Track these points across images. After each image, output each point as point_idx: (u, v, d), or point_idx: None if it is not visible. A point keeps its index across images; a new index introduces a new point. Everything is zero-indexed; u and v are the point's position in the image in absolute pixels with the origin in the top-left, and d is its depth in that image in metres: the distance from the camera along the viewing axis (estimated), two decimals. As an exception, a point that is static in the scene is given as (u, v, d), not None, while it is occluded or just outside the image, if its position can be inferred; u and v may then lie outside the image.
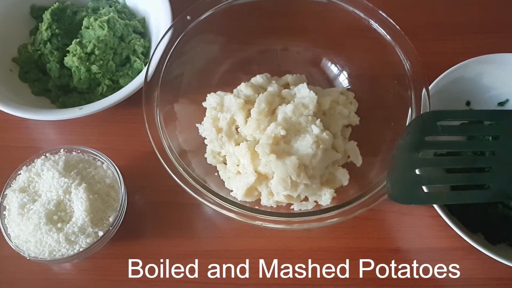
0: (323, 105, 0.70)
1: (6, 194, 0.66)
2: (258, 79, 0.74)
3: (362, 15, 0.71)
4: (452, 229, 0.63)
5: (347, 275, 0.67)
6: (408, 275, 0.68)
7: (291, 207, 0.66)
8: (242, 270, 0.68)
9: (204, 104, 0.73)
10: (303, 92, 0.69)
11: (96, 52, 0.75)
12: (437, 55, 0.82)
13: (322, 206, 0.66)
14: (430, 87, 0.69)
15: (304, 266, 0.68)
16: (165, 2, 0.78)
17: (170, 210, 0.71)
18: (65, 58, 0.76)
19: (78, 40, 0.76)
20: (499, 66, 0.75)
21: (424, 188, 0.61)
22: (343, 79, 0.77)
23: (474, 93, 0.77)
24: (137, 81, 0.72)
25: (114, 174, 0.68)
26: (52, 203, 0.64)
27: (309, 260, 0.68)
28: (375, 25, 0.71)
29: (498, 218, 0.68)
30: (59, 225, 0.62)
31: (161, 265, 0.68)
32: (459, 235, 0.63)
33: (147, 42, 0.81)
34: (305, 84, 0.70)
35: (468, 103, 0.78)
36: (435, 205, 0.64)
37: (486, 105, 0.77)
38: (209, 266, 0.68)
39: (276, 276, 0.67)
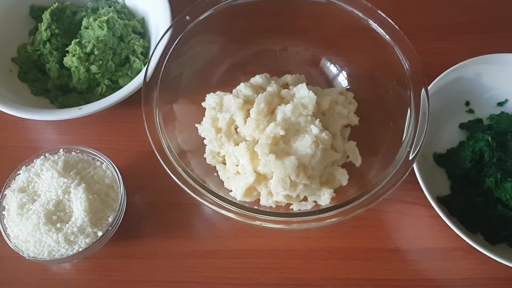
0: (322, 105, 0.70)
1: (6, 194, 0.65)
2: (257, 79, 0.74)
3: (361, 15, 0.71)
4: (452, 229, 0.63)
5: (346, 275, 0.67)
6: (407, 275, 0.68)
7: (290, 207, 0.66)
8: (242, 270, 0.68)
9: (203, 104, 0.73)
10: (302, 92, 0.69)
11: (96, 52, 0.75)
12: (436, 55, 0.82)
13: (321, 206, 0.66)
14: (429, 87, 0.70)
15: (303, 266, 0.68)
16: (164, 2, 0.78)
17: (169, 210, 0.71)
18: (64, 58, 0.76)
19: (77, 40, 0.76)
20: (498, 66, 0.75)
21: None
22: (342, 79, 0.77)
23: (474, 93, 0.77)
24: (137, 81, 0.72)
25: (113, 174, 0.68)
26: (51, 203, 0.64)
27: (309, 260, 0.68)
28: (374, 25, 0.71)
29: (498, 218, 0.68)
30: (58, 225, 0.62)
31: (160, 265, 0.68)
32: (459, 235, 0.63)
33: (147, 42, 0.81)
34: (304, 84, 0.71)
35: (467, 103, 0.78)
36: (434, 205, 0.64)
37: (485, 105, 0.78)
38: (209, 266, 0.68)
39: (275, 276, 0.67)
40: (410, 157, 0.62)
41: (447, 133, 0.76)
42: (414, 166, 0.65)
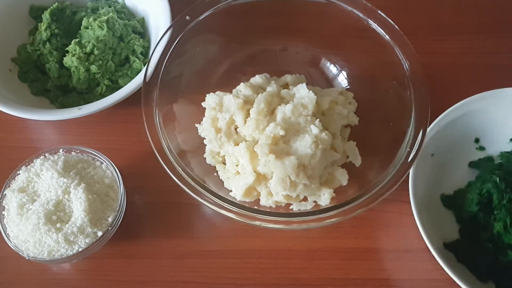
0: (322, 105, 0.70)
1: (5, 194, 0.65)
2: (257, 79, 0.74)
3: (361, 15, 0.71)
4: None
5: (346, 275, 0.67)
6: (407, 275, 0.68)
7: (290, 207, 0.66)
8: (241, 270, 0.68)
9: (203, 104, 0.73)
10: (302, 92, 0.69)
11: (95, 52, 0.75)
12: (436, 55, 0.82)
13: (321, 206, 0.66)
14: (433, 124, 0.67)
15: (303, 266, 0.68)
16: (164, 2, 0.78)
17: (169, 210, 0.71)
18: (64, 58, 0.76)
19: (77, 40, 0.76)
20: (509, 101, 0.71)
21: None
22: (342, 79, 0.77)
23: (484, 129, 0.73)
24: (136, 81, 0.72)
25: (113, 174, 0.68)
26: (51, 203, 0.64)
27: (309, 260, 0.68)
28: (374, 25, 0.71)
29: (509, 266, 0.64)
30: (58, 225, 0.62)
31: (160, 265, 0.68)
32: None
33: (146, 42, 0.81)
34: (304, 84, 0.71)
35: (477, 140, 0.74)
36: (436, 256, 0.61)
37: (497, 142, 0.74)
38: (209, 266, 0.68)
39: (275, 276, 0.67)
40: (410, 158, 0.62)
41: (456, 173, 0.72)
42: (414, 211, 0.63)
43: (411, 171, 0.64)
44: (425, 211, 0.64)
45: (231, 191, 0.67)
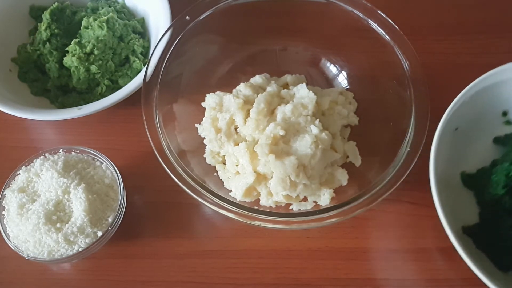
0: (322, 105, 0.70)
1: (5, 194, 0.65)
2: (257, 79, 0.74)
3: (361, 15, 0.71)
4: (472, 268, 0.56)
5: (346, 275, 0.67)
6: (407, 275, 0.68)
7: (290, 207, 0.66)
8: (241, 270, 0.67)
9: (203, 104, 0.73)
10: (302, 92, 0.69)
11: (95, 52, 0.75)
12: (436, 55, 0.82)
13: (321, 206, 0.66)
14: (460, 96, 0.63)
15: (303, 266, 0.68)
16: (164, 2, 0.78)
17: (169, 210, 0.71)
18: (64, 58, 0.76)
19: (77, 40, 0.76)
20: None
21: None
22: (342, 79, 0.77)
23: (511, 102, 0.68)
24: (136, 81, 0.72)
25: (113, 174, 0.68)
26: (51, 203, 0.64)
27: (309, 260, 0.68)
28: (374, 25, 0.71)
29: None
30: (58, 225, 0.62)
31: (160, 265, 0.68)
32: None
33: (146, 42, 0.81)
34: (304, 84, 0.71)
35: (504, 114, 0.70)
36: (453, 240, 0.57)
37: None
38: (208, 266, 0.68)
39: (275, 276, 0.67)
40: (410, 158, 0.62)
41: (479, 149, 0.67)
42: (433, 189, 0.58)
43: (433, 144, 0.60)
44: (444, 190, 0.59)
45: (231, 191, 0.67)
